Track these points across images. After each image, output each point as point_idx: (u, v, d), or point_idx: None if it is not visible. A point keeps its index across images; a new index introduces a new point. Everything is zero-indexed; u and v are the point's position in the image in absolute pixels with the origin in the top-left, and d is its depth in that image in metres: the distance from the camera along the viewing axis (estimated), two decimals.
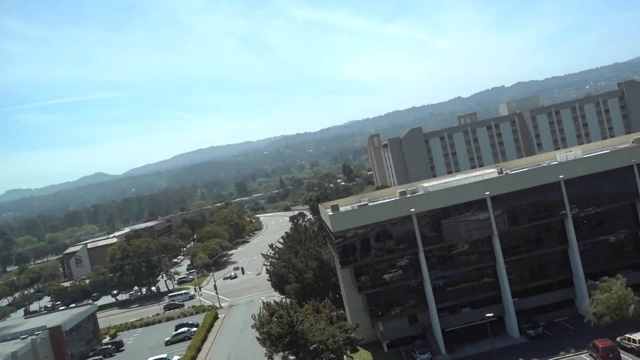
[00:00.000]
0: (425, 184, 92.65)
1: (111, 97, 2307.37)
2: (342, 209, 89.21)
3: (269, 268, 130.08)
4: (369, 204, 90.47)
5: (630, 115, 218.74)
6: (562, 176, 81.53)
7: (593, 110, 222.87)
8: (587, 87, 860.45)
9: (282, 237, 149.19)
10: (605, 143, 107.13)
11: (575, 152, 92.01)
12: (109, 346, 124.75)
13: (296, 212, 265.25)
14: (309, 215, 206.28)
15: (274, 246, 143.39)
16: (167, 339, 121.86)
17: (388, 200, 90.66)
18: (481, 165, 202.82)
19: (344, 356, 77.48)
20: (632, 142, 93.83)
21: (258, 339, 79.36)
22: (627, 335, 69.26)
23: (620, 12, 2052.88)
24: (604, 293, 71.93)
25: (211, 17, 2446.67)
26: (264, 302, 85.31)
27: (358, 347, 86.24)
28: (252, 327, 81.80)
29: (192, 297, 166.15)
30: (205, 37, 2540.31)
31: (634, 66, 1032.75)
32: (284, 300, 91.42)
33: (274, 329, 74.56)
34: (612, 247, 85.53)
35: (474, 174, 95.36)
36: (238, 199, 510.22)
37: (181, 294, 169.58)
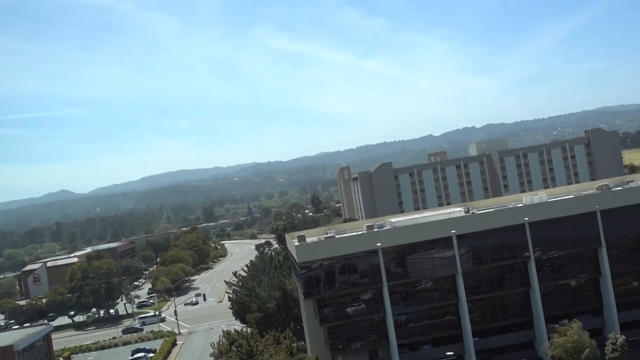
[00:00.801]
0: (393, 219, 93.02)
1: (81, 114, 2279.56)
2: (308, 239, 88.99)
3: (231, 296, 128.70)
4: (336, 236, 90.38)
5: (595, 162, 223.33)
6: (527, 218, 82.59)
7: (560, 155, 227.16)
8: (554, 132, 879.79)
9: (246, 265, 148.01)
10: (570, 188, 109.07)
11: (540, 196, 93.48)
12: None
13: (262, 241, 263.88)
14: (275, 245, 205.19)
15: (237, 274, 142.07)
16: None
17: (355, 233, 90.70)
18: (448, 204, 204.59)
19: None
20: (596, 188, 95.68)
21: None
22: None
23: (590, 62, 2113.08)
24: (562, 336, 72.51)
25: (188, 41, 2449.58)
26: (224, 331, 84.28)
27: None
28: (211, 355, 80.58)
29: (162, 320, 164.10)
30: (180, 61, 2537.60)
31: (601, 115, 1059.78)
32: (244, 329, 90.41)
33: (233, 358, 73.54)
34: (573, 291, 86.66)
35: (441, 211, 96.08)
36: (204, 224, 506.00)
37: (150, 315, 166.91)
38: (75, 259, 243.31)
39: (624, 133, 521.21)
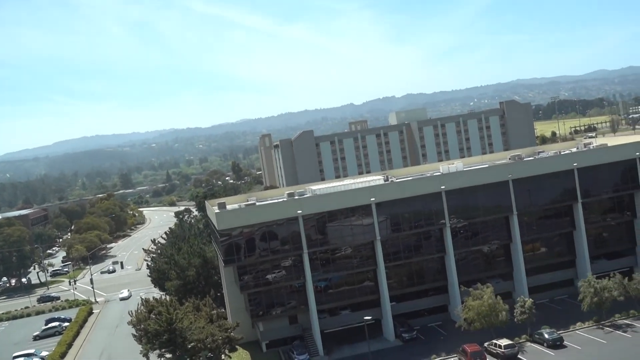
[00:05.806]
0: (314, 187, 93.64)
1: None
2: (229, 207, 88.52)
3: (149, 263, 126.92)
4: (257, 203, 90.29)
5: (508, 132, 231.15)
6: (443, 187, 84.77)
7: (475, 125, 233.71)
8: (471, 103, 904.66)
9: (165, 232, 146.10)
10: (485, 158, 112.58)
11: (457, 165, 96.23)
12: None
13: (182, 208, 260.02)
14: (195, 212, 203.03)
15: (156, 241, 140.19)
16: (36, 333, 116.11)
17: (276, 200, 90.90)
18: (368, 172, 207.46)
19: (222, 355, 76.93)
20: (509, 158, 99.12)
21: (134, 335, 77.30)
22: (494, 341, 72.98)
23: (505, 35, 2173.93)
24: (476, 300, 75.48)
25: (102, 0, 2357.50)
26: (142, 298, 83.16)
27: (237, 347, 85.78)
28: (129, 323, 79.40)
29: None
30: (94, 21, 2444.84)
31: (515, 87, 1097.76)
32: (163, 297, 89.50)
33: (152, 326, 72.81)
34: (485, 257, 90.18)
35: (361, 179, 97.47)
36: (121, 191, 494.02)
37: None
38: None
39: (537, 105, 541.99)
